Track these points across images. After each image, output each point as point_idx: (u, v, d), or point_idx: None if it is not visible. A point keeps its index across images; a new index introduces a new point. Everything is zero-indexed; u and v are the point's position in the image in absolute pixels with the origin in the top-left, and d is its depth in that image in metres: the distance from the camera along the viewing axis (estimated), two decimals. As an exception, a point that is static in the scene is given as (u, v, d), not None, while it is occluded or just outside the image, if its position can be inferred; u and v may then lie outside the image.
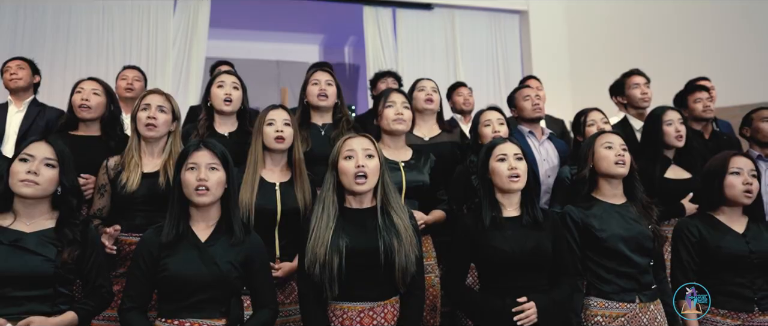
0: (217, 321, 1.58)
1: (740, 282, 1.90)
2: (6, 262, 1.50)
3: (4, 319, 1.46)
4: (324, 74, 2.46)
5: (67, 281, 1.58)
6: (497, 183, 1.82)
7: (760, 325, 1.89)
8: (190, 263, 1.58)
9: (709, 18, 5.52)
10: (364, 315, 1.65)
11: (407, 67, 5.68)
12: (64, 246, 1.57)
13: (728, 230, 1.95)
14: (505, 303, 1.71)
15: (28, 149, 1.60)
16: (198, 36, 5.31)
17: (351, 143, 1.73)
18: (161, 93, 2.13)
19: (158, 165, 2.02)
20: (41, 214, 1.62)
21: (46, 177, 1.59)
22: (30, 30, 4.96)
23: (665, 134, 2.41)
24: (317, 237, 1.64)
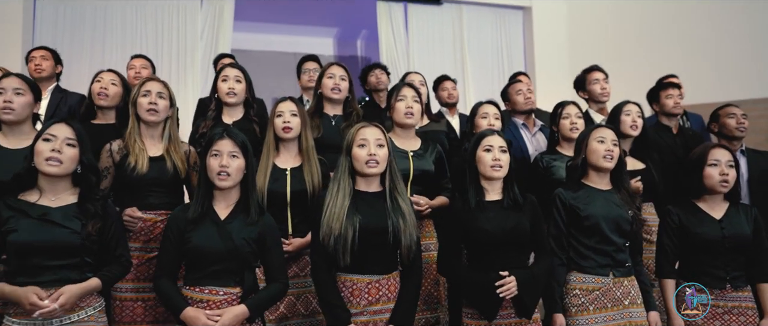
0: (232, 289, 1.69)
1: (715, 264, 2.02)
2: (37, 234, 1.60)
3: (43, 293, 1.55)
4: (339, 69, 2.56)
5: (91, 251, 1.67)
6: (481, 170, 1.90)
7: (731, 300, 2.01)
8: (209, 237, 1.69)
9: (708, 17, 5.48)
10: (371, 286, 1.76)
11: (418, 60, 5.73)
12: (88, 219, 1.66)
13: (706, 217, 2.06)
14: (489, 277, 1.80)
15: (50, 130, 1.67)
16: (224, 29, 5.39)
17: (364, 132, 1.82)
18: (160, 80, 2.18)
19: (161, 150, 2.09)
20: (64, 190, 1.70)
21: (68, 156, 1.66)
22: (70, 24, 5.09)
23: (622, 123, 2.50)
24: (332, 212, 1.74)
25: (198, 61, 5.32)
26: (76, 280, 1.61)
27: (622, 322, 1.93)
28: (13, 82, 1.98)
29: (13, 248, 1.59)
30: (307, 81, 3.00)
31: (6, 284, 1.57)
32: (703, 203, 2.09)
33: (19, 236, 1.58)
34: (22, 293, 1.53)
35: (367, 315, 1.75)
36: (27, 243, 1.58)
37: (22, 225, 1.60)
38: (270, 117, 2.17)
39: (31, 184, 1.68)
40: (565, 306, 1.94)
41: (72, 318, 1.60)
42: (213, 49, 5.39)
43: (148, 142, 2.10)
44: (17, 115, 1.97)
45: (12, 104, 1.95)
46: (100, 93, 2.36)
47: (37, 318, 1.54)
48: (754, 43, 5.32)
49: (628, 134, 2.51)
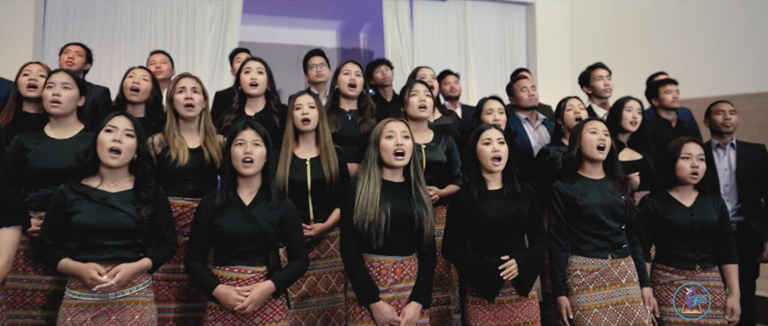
0: (259, 267, 1.86)
1: (685, 247, 2.23)
2: (98, 217, 1.76)
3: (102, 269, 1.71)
4: (354, 66, 2.71)
5: (143, 233, 1.83)
6: (483, 162, 2.06)
7: (700, 280, 2.22)
8: (236, 221, 1.85)
9: (706, 14, 5.63)
10: (396, 266, 1.93)
11: (422, 55, 5.87)
12: (141, 205, 1.82)
13: (677, 204, 2.25)
14: (491, 261, 1.97)
15: (111, 122, 1.83)
16: (232, 23, 5.51)
17: (391, 125, 1.97)
18: (193, 76, 2.32)
19: (199, 142, 2.24)
20: (122, 177, 1.86)
21: (127, 146, 1.82)
22: (80, 15, 5.20)
23: (622, 118, 2.65)
24: (365, 199, 1.89)
25: (206, 54, 5.43)
26: (129, 259, 1.77)
27: (619, 299, 2.10)
28: (62, 77, 2.14)
29: (77, 228, 1.75)
30: (315, 75, 3.13)
31: (70, 260, 1.74)
32: (675, 192, 2.29)
33: (82, 218, 1.75)
34: (83, 268, 1.70)
35: (393, 292, 1.92)
36: (89, 224, 1.75)
37: (85, 208, 1.76)
38: (289, 110, 2.31)
39: (94, 172, 1.84)
40: (567, 286, 2.12)
41: (125, 292, 1.77)
42: (221, 42, 5.52)
43: (186, 135, 2.24)
44: (64, 109, 2.12)
45: (60, 98, 2.10)
46: (133, 88, 2.50)
47: (96, 291, 1.70)
48: (750, 40, 5.47)
49: (628, 129, 2.66)
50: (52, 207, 1.79)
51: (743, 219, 2.90)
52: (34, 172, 2.04)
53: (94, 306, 1.73)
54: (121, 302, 1.76)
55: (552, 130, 2.96)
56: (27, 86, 2.32)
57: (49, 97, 2.11)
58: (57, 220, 1.78)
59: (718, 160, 2.97)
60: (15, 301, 1.99)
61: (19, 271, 1.99)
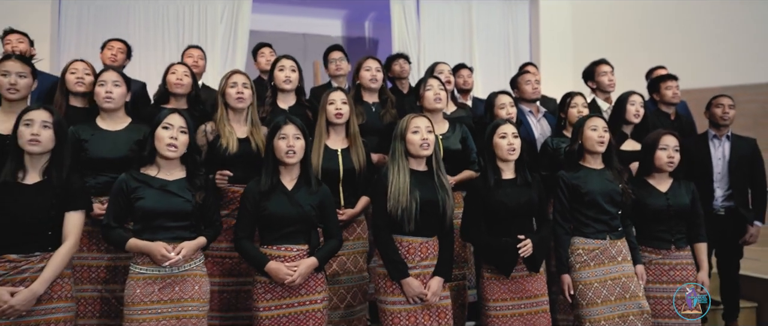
0: (302, 245, 2.14)
1: (661, 229, 2.55)
2: (160, 202, 2.03)
3: (169, 247, 1.98)
4: (374, 62, 2.96)
5: (196, 216, 2.10)
6: (498, 154, 2.34)
7: (674, 259, 2.56)
8: (282, 205, 2.12)
9: (704, 9, 5.89)
10: (423, 246, 2.21)
11: (428, 47, 6.08)
12: (195, 190, 2.09)
13: (654, 190, 2.56)
14: (507, 241, 2.26)
15: (167, 119, 2.08)
16: (243, 12, 5.71)
17: (417, 121, 2.23)
18: (243, 73, 2.58)
19: (246, 132, 2.50)
20: (176, 167, 2.12)
21: (182, 141, 2.09)
22: (94, 7, 5.39)
23: (626, 112, 2.93)
24: (397, 189, 2.16)
25: (218, 45, 5.62)
26: (187, 238, 2.05)
27: (616, 275, 2.40)
28: (113, 75, 2.40)
29: (141, 212, 2.02)
30: (335, 69, 3.37)
31: (137, 239, 2.00)
32: (653, 179, 2.59)
33: (146, 203, 2.01)
34: (153, 247, 1.97)
35: (419, 268, 2.20)
36: (152, 208, 2.01)
37: (148, 194, 2.03)
38: (322, 104, 2.57)
39: (151, 162, 2.10)
40: (570, 263, 2.42)
41: (185, 267, 2.04)
42: (232, 33, 5.72)
43: (235, 125, 2.50)
44: (116, 104, 2.38)
45: (112, 94, 2.36)
46: (177, 83, 2.76)
47: (163, 266, 1.98)
48: (745, 34, 5.75)
49: (631, 121, 2.94)
50: (116, 193, 2.05)
51: (733, 205, 3.19)
52: (92, 161, 2.30)
53: (160, 279, 2.01)
54: (182, 275, 2.04)
55: (553, 122, 3.22)
56: (75, 82, 2.56)
57: (102, 93, 2.37)
58: (121, 205, 2.04)
59: (713, 150, 3.24)
60: (81, 276, 2.27)
61: (84, 250, 2.26)
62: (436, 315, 2.21)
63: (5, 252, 1.92)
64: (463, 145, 2.74)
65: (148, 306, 1.97)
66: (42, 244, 1.95)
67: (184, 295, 2.02)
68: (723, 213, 3.18)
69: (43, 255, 1.95)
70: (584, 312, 2.36)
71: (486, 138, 2.37)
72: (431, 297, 2.17)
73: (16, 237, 1.92)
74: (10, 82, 2.30)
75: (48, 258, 1.95)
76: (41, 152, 1.98)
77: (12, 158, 1.98)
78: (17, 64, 2.34)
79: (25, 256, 1.93)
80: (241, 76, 2.54)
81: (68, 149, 2.06)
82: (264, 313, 2.10)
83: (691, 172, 2.94)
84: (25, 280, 1.91)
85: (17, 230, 1.92)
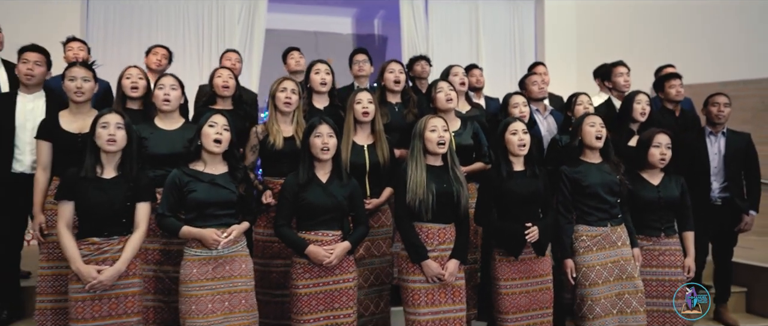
0: (336, 232, 2.45)
1: (652, 218, 2.84)
2: (210, 194, 2.33)
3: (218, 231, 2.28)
4: (397, 65, 3.26)
5: (240, 205, 2.41)
6: (510, 149, 2.64)
7: (664, 245, 2.87)
8: (318, 196, 2.43)
9: (705, 7, 6.13)
10: (440, 231, 2.53)
11: (436, 46, 6.35)
12: (238, 183, 2.40)
13: (647, 183, 2.85)
14: (517, 227, 2.57)
15: (212, 119, 2.37)
16: (259, 13, 5.99)
17: (433, 121, 2.54)
18: (294, 80, 2.88)
19: (292, 131, 2.79)
20: (219, 162, 2.41)
21: (225, 138, 2.39)
22: (120, 8, 5.70)
23: (633, 110, 3.21)
24: (415, 182, 2.48)
25: (235, 43, 5.88)
26: (232, 224, 2.36)
27: (615, 258, 2.71)
28: (171, 80, 2.72)
29: (194, 203, 2.32)
30: (358, 70, 3.67)
31: (189, 227, 2.32)
32: (646, 173, 2.88)
33: (198, 195, 2.32)
34: (205, 233, 2.28)
35: (437, 251, 2.52)
36: (204, 200, 2.32)
37: (199, 187, 2.33)
38: (349, 103, 2.86)
39: (198, 157, 2.41)
40: (574, 249, 2.72)
41: (233, 249, 2.36)
42: (249, 31, 6.01)
43: (282, 125, 2.80)
44: (173, 106, 2.70)
45: (170, 97, 2.68)
46: (223, 86, 3.06)
47: (213, 248, 2.29)
48: (745, 31, 5.99)
49: (638, 119, 3.21)
50: (170, 187, 2.35)
51: (729, 196, 3.46)
52: (151, 157, 2.60)
53: (212, 260, 2.32)
54: (231, 256, 2.35)
55: (559, 119, 3.51)
56: (130, 87, 2.87)
57: (160, 96, 2.68)
58: (174, 197, 2.34)
59: (710, 145, 3.50)
60: (154, 258, 2.61)
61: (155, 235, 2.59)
62: (452, 293, 2.53)
63: (88, 235, 2.27)
64: (475, 140, 3.03)
65: (203, 284, 2.29)
66: (118, 230, 2.30)
67: (234, 273, 2.35)
68: (720, 204, 3.45)
69: (120, 239, 2.30)
70: (586, 291, 2.67)
71: (498, 134, 2.68)
72: (448, 277, 2.48)
73: (98, 223, 2.27)
74: (76, 85, 2.62)
75: (124, 241, 2.30)
76: (116, 150, 2.30)
77: (90, 156, 2.31)
78: (82, 70, 2.66)
79: (106, 240, 2.28)
80: (291, 82, 2.84)
81: (136, 147, 2.39)
82: (303, 290, 2.41)
83: (690, 166, 3.22)
84: (107, 260, 2.26)
85: (98, 218, 2.27)
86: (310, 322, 2.41)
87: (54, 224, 2.57)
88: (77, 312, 2.24)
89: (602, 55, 5.95)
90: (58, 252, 2.56)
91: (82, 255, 2.23)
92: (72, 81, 2.63)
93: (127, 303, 2.30)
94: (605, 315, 2.65)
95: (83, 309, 2.24)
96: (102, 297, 2.25)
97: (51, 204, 2.62)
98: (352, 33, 8.15)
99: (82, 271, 2.20)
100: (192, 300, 2.27)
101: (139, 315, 2.36)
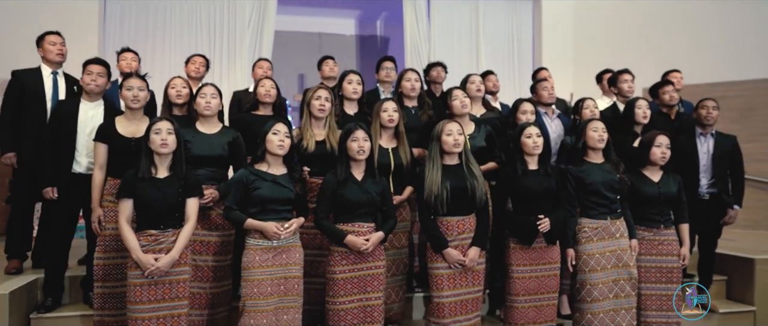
0: (370, 224, 2.82)
1: (653, 211, 3.22)
2: (273, 192, 2.67)
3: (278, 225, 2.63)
4: (414, 73, 3.63)
5: (296, 202, 2.77)
6: (525, 150, 3.03)
7: (662, 236, 3.24)
8: (355, 193, 2.79)
9: (700, 12, 6.57)
10: (459, 223, 2.91)
11: (438, 47, 6.71)
12: (295, 183, 2.76)
13: (648, 180, 3.23)
14: (530, 219, 2.96)
15: (275, 127, 2.72)
16: (268, 17, 6.32)
17: (450, 126, 2.92)
18: (327, 88, 3.21)
19: (324, 135, 3.13)
20: (280, 164, 2.76)
21: (287, 144, 2.75)
22: (135, 15, 6.02)
23: (635, 115, 3.60)
24: (431, 181, 2.86)
25: (245, 47, 6.24)
26: (289, 219, 2.71)
27: (613, 248, 3.10)
28: (211, 89, 3.06)
29: (258, 200, 2.67)
30: (385, 76, 4.04)
31: (253, 220, 2.66)
32: (647, 171, 3.26)
33: (263, 193, 2.67)
34: (267, 226, 2.64)
35: (458, 241, 2.90)
36: (268, 197, 2.67)
37: (264, 185, 2.69)
38: (376, 111, 3.22)
39: (263, 159, 2.76)
40: (577, 239, 3.11)
41: (289, 240, 2.72)
42: (259, 35, 6.33)
43: (315, 130, 3.13)
44: (213, 112, 3.04)
45: (210, 105, 3.02)
46: (266, 94, 3.40)
47: (273, 239, 2.65)
48: (734, 35, 6.38)
49: (641, 122, 3.60)
50: (237, 184, 2.71)
51: (716, 191, 3.85)
52: (193, 158, 2.92)
53: (271, 249, 2.68)
54: (287, 246, 2.71)
55: (566, 122, 3.90)
56: (175, 96, 3.22)
57: (202, 104, 3.01)
58: (240, 193, 2.70)
59: (699, 145, 3.88)
60: (195, 249, 2.92)
61: (198, 227, 2.90)
62: (471, 277, 2.93)
63: (146, 228, 2.61)
64: (488, 142, 3.40)
65: (264, 269, 2.66)
66: (172, 223, 2.64)
67: (289, 261, 2.71)
68: (707, 199, 3.85)
69: (173, 231, 2.63)
70: (586, 277, 3.07)
71: (515, 137, 3.07)
72: (469, 263, 2.86)
73: (154, 218, 2.61)
74: (133, 94, 2.95)
75: (177, 233, 2.63)
76: (168, 153, 2.64)
77: (145, 158, 2.64)
78: (138, 81, 2.99)
79: (162, 231, 2.61)
80: (325, 91, 3.17)
81: (184, 150, 2.72)
82: (339, 275, 2.78)
83: (681, 164, 3.61)
84: (162, 250, 2.60)
85: (155, 213, 2.61)
86: (345, 304, 2.78)
87: (109, 219, 2.92)
88: (135, 295, 2.58)
89: (598, 56, 6.37)
90: (113, 244, 2.91)
91: (141, 245, 2.57)
92: (129, 90, 2.96)
93: (179, 288, 2.64)
94: (603, 299, 3.05)
95: (141, 293, 2.58)
96: (157, 282, 2.59)
97: (107, 201, 2.95)
98: (355, 34, 8.47)
99: (142, 259, 2.54)
100: (253, 283, 2.63)
101: (188, 300, 2.71)
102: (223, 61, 6.21)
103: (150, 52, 5.95)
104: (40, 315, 3.15)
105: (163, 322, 2.59)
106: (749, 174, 5.82)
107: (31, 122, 3.40)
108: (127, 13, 5.99)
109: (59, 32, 3.58)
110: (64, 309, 3.28)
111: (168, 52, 6.06)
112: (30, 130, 3.39)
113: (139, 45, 5.84)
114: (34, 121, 3.39)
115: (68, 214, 3.19)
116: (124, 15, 5.98)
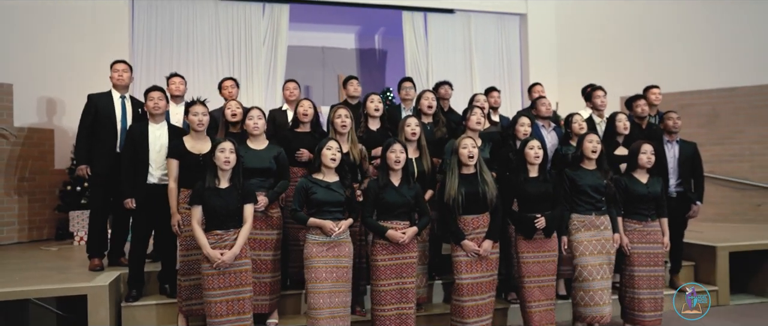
0: (405, 222, 3.51)
1: (643, 207, 3.97)
2: (328, 196, 3.32)
3: (333, 223, 3.31)
4: (430, 94, 4.36)
5: (346, 204, 3.43)
6: (528, 160, 3.77)
7: (650, 228, 3.98)
8: (393, 196, 3.48)
9: (668, 26, 7.33)
10: (473, 220, 3.61)
11: (435, 61, 7.41)
12: (345, 188, 3.42)
13: (638, 181, 3.99)
14: (531, 217, 3.70)
15: (328, 144, 3.40)
16: (281, 34, 6.97)
17: (465, 141, 3.63)
18: (345, 107, 3.89)
19: (347, 148, 3.77)
20: (333, 173, 3.42)
21: (338, 157, 3.42)
22: (160, 29, 6.64)
23: (616, 127, 4.39)
24: (449, 187, 3.57)
25: (262, 63, 6.88)
26: (341, 218, 3.39)
27: (598, 238, 3.86)
28: (258, 112, 3.70)
29: (315, 203, 3.35)
30: (405, 95, 4.71)
31: (314, 218, 3.33)
32: (636, 173, 4.02)
33: (319, 196, 3.35)
34: (325, 224, 3.32)
35: (474, 234, 3.62)
36: (322, 200, 3.35)
37: (320, 191, 3.36)
38: (400, 126, 3.92)
39: (318, 170, 3.43)
40: (569, 230, 3.87)
41: (342, 236, 3.39)
42: (273, 51, 6.99)
43: (341, 143, 3.68)
44: (260, 131, 3.68)
45: (258, 125, 3.66)
46: (304, 114, 4.03)
47: (329, 235, 3.32)
48: (699, 46, 7.17)
49: (622, 133, 4.39)
50: (299, 190, 3.38)
51: (682, 190, 4.65)
52: (247, 170, 3.52)
53: (327, 243, 3.36)
54: (340, 242, 3.39)
55: (560, 133, 4.65)
56: (231, 115, 3.90)
57: (251, 125, 3.66)
58: (302, 197, 3.38)
59: (667, 151, 4.66)
60: (259, 245, 3.60)
61: (256, 228, 3.57)
62: (486, 264, 3.65)
63: (213, 229, 3.22)
64: (492, 155, 4.14)
65: (320, 259, 3.34)
66: (233, 224, 3.25)
67: (341, 254, 3.39)
68: (675, 196, 4.64)
69: (235, 231, 3.25)
70: (578, 260, 3.84)
71: (519, 149, 3.82)
72: (483, 252, 3.59)
73: (219, 220, 3.22)
74: (198, 119, 3.62)
75: (237, 232, 3.25)
76: (229, 168, 3.28)
77: (210, 172, 3.27)
78: (201, 107, 3.66)
79: (225, 231, 3.22)
80: (344, 109, 3.86)
81: (241, 164, 3.37)
82: (381, 263, 3.49)
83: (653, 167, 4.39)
84: (226, 246, 3.21)
85: (219, 216, 3.22)
86: (386, 286, 3.48)
87: (186, 223, 3.53)
88: (209, 283, 3.21)
89: (580, 69, 7.11)
90: (192, 243, 3.51)
91: (210, 243, 3.19)
92: (195, 116, 3.63)
93: (242, 276, 3.25)
94: (592, 280, 3.81)
95: (213, 282, 3.21)
96: (225, 272, 3.21)
97: (183, 208, 3.56)
98: (355, 48, 9.13)
99: (211, 255, 3.17)
100: (312, 270, 3.33)
101: (251, 286, 3.32)
102: (241, 77, 6.80)
103: (175, 69, 6.53)
104: (129, 303, 3.81)
105: (232, 305, 3.22)
106: (716, 173, 6.74)
107: (104, 140, 4.09)
108: (152, 40, 6.62)
109: (126, 60, 4.25)
110: (146, 298, 3.93)
111: (192, 59, 6.74)
112: (103, 147, 4.06)
113: (164, 66, 6.39)
114: (106, 138, 4.09)
115: (147, 219, 3.84)
116: (150, 19, 6.59)
